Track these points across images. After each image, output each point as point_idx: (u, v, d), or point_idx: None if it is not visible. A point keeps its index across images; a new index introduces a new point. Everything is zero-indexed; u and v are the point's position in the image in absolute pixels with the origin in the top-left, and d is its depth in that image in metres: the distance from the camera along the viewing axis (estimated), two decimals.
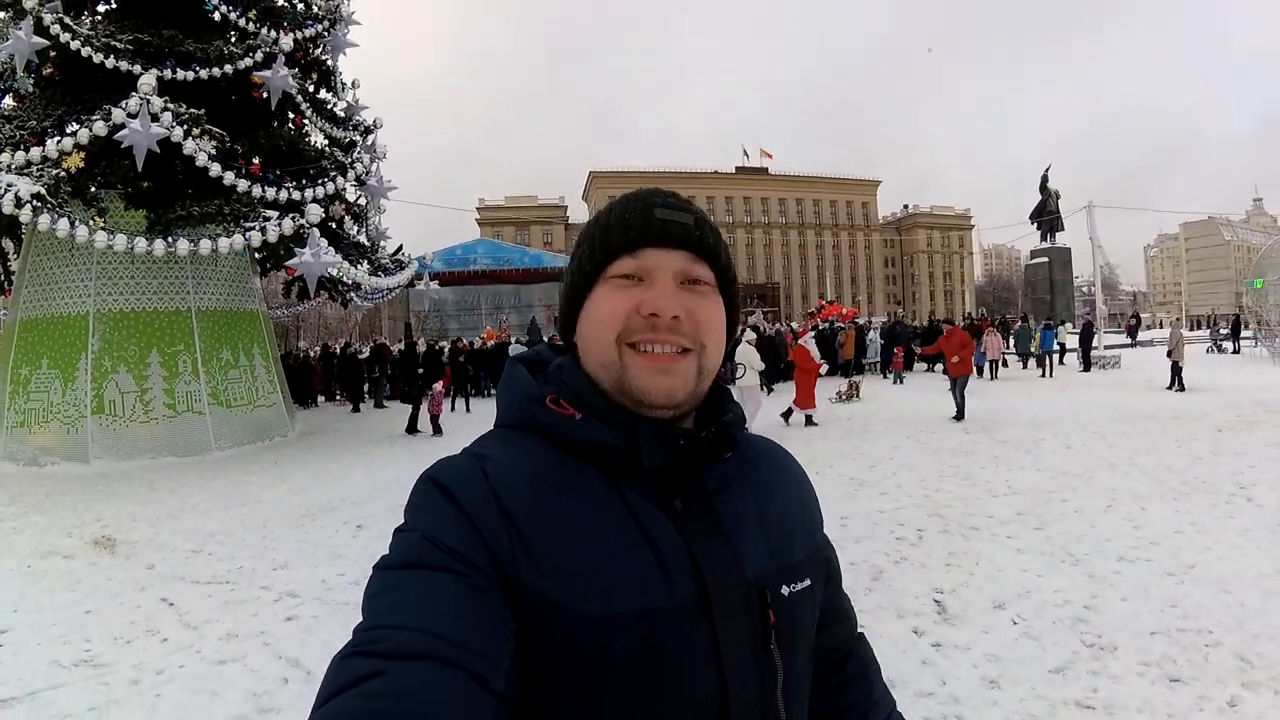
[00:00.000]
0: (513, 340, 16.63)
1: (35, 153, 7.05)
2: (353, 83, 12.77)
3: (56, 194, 6.95)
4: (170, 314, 9.39)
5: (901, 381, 16.05)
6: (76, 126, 7.67)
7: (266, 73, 8.94)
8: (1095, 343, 19.99)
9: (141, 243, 7.15)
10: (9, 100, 9.63)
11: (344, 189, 10.10)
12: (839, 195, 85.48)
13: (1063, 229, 45.09)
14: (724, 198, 79.30)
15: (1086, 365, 18.83)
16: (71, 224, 6.78)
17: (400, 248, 12.56)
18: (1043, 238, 44.42)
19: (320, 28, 10.43)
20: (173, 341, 9.35)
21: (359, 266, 10.27)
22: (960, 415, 9.70)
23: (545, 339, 19.92)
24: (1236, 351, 22.49)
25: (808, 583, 0.67)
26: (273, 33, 9.51)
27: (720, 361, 0.66)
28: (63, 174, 7.06)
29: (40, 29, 7.92)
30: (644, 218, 0.63)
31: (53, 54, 8.60)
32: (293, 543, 5.06)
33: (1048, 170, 45.09)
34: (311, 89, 11.95)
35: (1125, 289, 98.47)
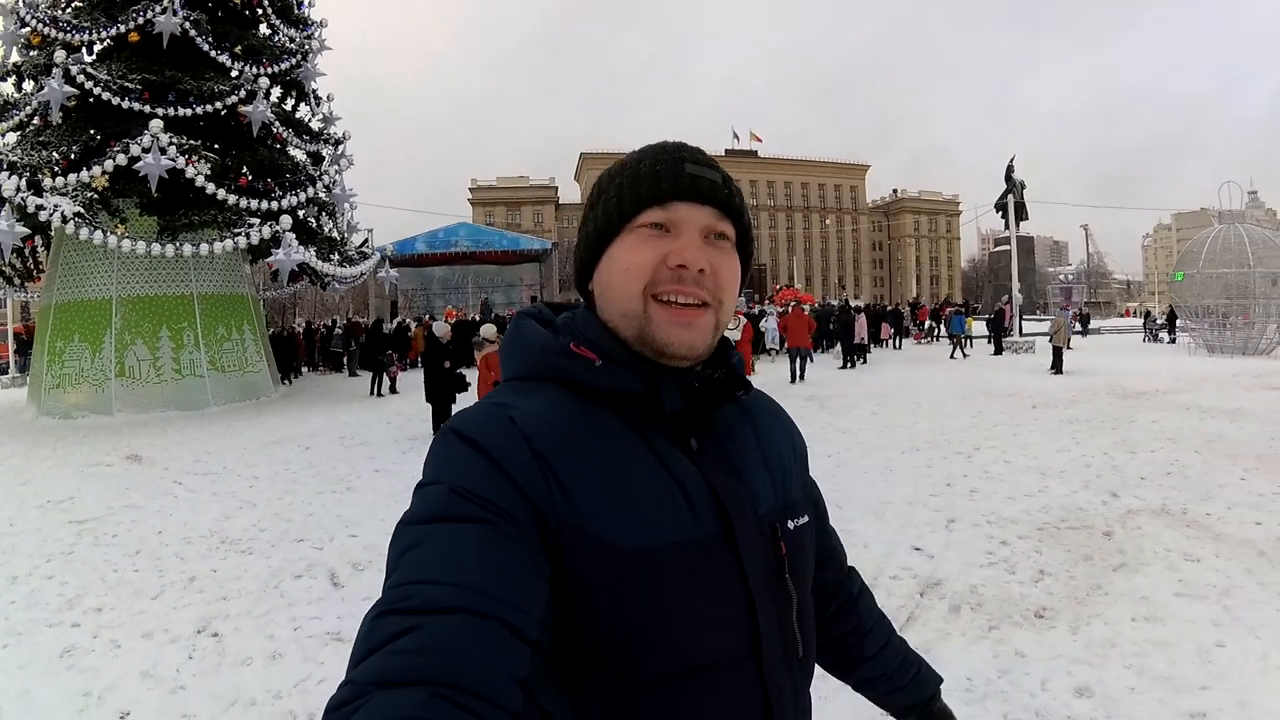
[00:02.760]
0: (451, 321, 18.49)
1: (72, 179, 9.39)
2: (328, 96, 15.01)
3: (91, 210, 9.31)
4: (176, 298, 11.77)
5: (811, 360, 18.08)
6: (102, 154, 10.02)
7: (248, 107, 11.19)
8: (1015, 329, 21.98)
9: (156, 247, 9.54)
10: (36, 120, 11.88)
11: (315, 196, 12.42)
12: (827, 179, 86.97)
13: (1026, 218, 46.91)
14: None
15: (998, 349, 20.41)
16: (105, 235, 9.14)
17: (365, 240, 14.90)
18: (1006, 226, 46.26)
19: (294, 61, 12.67)
20: (179, 320, 11.75)
21: (331, 259, 12.64)
22: (793, 380, 12.19)
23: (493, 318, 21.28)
24: (1172, 341, 23.24)
25: (805, 519, 0.72)
26: (253, 69, 11.76)
27: (730, 316, 0.68)
28: (94, 195, 9.39)
29: (68, 78, 10.18)
30: (675, 171, 0.64)
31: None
32: (261, 455, 7.51)
33: (1013, 160, 46.81)
34: (291, 105, 14.24)
35: (1119, 277, 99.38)
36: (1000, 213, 46.78)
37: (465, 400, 7.87)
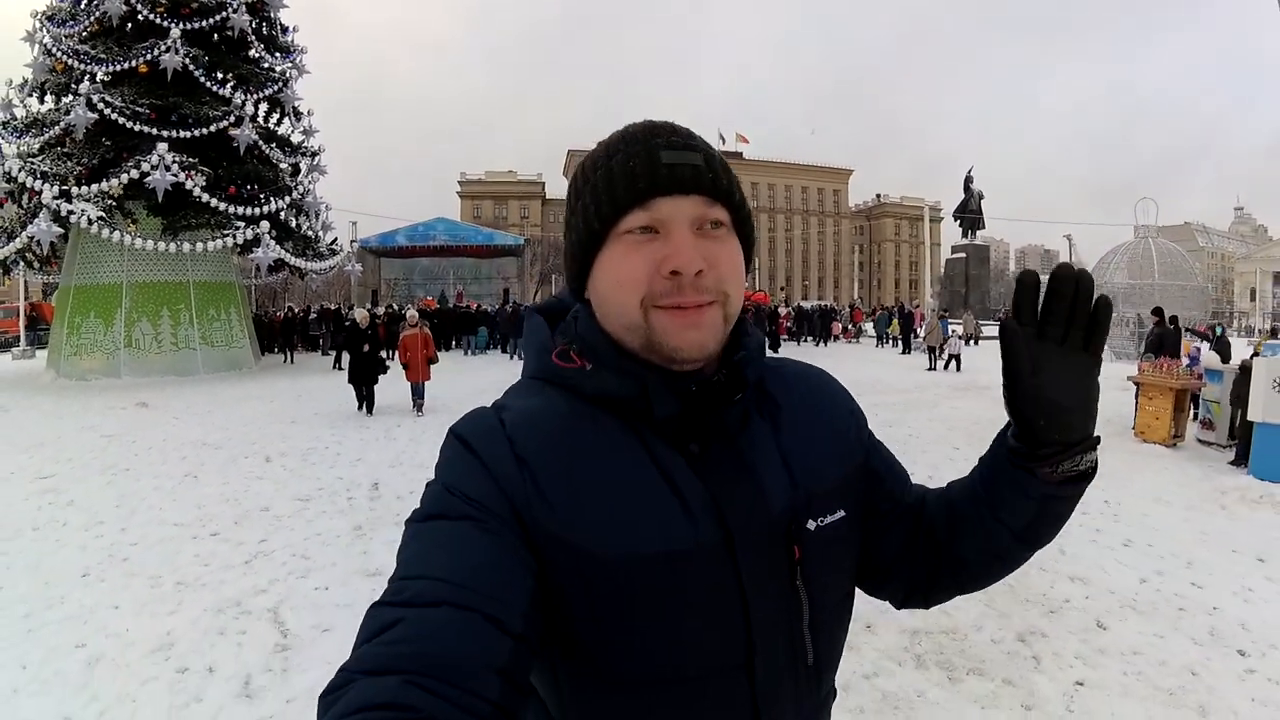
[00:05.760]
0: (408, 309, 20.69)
1: (94, 188, 11.89)
2: (308, 112, 17.47)
3: (110, 214, 11.81)
4: (175, 284, 14.30)
5: None
6: (116, 164, 12.53)
7: (237, 130, 13.68)
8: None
9: (161, 245, 12.05)
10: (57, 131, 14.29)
11: (293, 201, 14.95)
12: (810, 182, 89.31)
13: (983, 227, 49.52)
14: None
15: (905, 348, 22.49)
16: (121, 234, 11.65)
17: (335, 239, 17.42)
18: (964, 234, 48.75)
19: (276, 87, 15.17)
20: (176, 302, 14.28)
21: (306, 255, 15.16)
22: None
23: (453, 307, 23.53)
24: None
25: (841, 514, 0.66)
26: (240, 96, 14.25)
27: (741, 305, 0.64)
28: (112, 202, 11.90)
29: (90, 105, 12.64)
30: (650, 163, 0.60)
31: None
32: (236, 405, 10.10)
33: (971, 170, 49.38)
34: (275, 121, 16.70)
35: (1134, 286, 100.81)
36: (958, 221, 49.48)
37: (386, 381, 9.79)
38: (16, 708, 2.59)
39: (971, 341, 24.87)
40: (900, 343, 23.15)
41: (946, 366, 16.21)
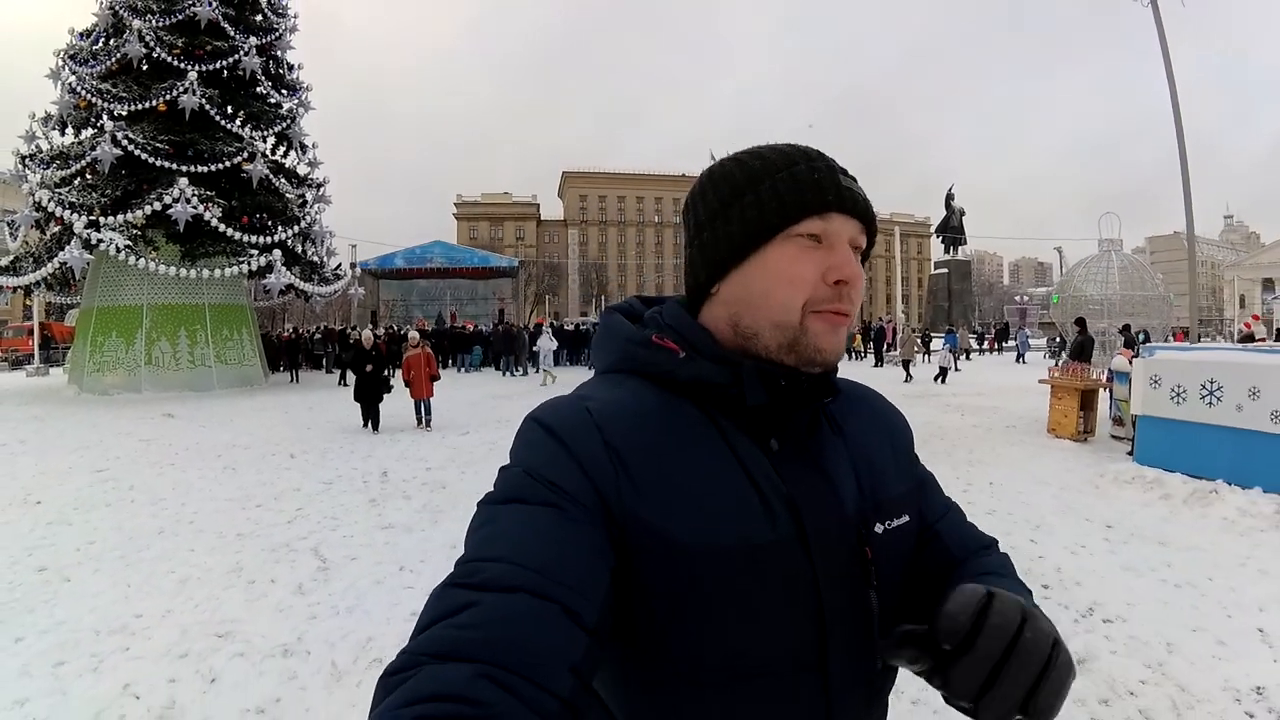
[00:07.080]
0: (410, 330, 21.84)
1: (120, 218, 13.09)
2: (313, 144, 18.72)
3: (136, 242, 12.99)
4: (192, 306, 15.44)
5: None
6: (137, 196, 13.73)
7: (250, 165, 14.92)
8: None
9: (182, 271, 13.24)
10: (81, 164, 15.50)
11: (301, 230, 16.16)
12: None
13: (965, 243, 50.89)
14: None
15: (878, 361, 23.71)
16: (146, 262, 12.82)
17: (340, 264, 18.64)
18: (946, 250, 50.04)
19: (285, 124, 16.46)
20: (193, 323, 15.41)
21: (312, 279, 16.33)
22: None
23: (449, 327, 24.70)
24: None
25: (905, 518, 0.69)
26: (252, 132, 15.50)
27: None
28: (136, 231, 13.08)
29: (115, 142, 13.85)
30: (835, 181, 0.64)
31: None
32: (255, 415, 11.19)
33: (952, 188, 50.82)
34: (282, 153, 17.96)
35: (1096, 296, 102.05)
36: (940, 237, 50.84)
37: (391, 400, 10.39)
38: (130, 605, 3.65)
39: (963, 355, 25.92)
40: (874, 357, 24.36)
41: (939, 379, 16.83)
